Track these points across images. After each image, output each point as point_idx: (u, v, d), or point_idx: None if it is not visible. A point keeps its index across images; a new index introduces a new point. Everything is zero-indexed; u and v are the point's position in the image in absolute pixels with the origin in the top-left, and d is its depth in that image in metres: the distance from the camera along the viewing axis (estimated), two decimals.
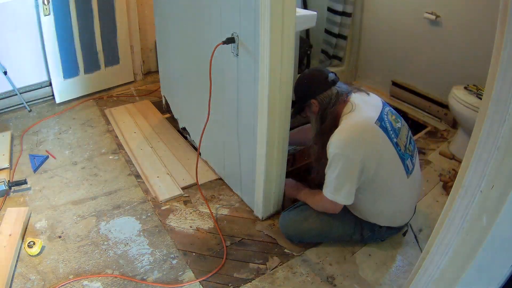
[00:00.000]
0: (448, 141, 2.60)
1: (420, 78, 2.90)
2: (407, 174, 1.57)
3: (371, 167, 1.48)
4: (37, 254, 1.67)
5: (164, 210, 1.97)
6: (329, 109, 1.56)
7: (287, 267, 1.66)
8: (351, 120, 1.51)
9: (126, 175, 2.23)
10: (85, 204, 1.99)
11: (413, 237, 1.82)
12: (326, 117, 1.58)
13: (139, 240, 1.78)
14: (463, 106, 2.24)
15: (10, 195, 2.03)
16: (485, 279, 0.87)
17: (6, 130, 2.57)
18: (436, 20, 2.62)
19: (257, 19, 1.47)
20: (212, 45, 1.69)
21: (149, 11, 3.21)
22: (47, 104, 2.96)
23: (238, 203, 2.03)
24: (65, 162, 2.32)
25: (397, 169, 1.54)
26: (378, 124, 1.49)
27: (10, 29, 2.61)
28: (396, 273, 1.64)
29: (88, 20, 2.88)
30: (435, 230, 0.93)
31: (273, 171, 1.79)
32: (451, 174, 2.20)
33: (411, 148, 1.62)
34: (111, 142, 2.54)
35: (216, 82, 1.82)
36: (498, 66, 0.71)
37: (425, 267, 0.96)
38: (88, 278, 1.57)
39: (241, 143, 1.90)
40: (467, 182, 0.81)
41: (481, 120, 0.76)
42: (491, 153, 0.75)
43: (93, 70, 3.07)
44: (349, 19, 3.07)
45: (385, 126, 1.51)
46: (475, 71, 2.44)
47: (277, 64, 1.52)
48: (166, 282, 1.58)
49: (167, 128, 2.71)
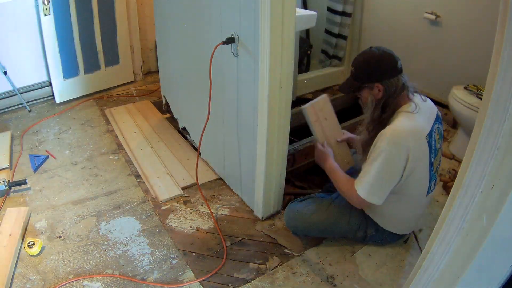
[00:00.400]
0: (448, 141, 2.60)
1: (420, 78, 2.87)
2: (428, 193, 1.57)
3: (406, 175, 1.44)
4: (37, 254, 1.67)
5: (164, 210, 1.97)
6: (392, 99, 1.46)
7: (287, 267, 1.66)
8: (410, 122, 1.43)
9: (126, 175, 2.23)
10: (85, 204, 1.99)
11: (413, 237, 1.82)
12: (387, 106, 1.48)
13: (139, 240, 1.78)
14: (463, 106, 2.23)
15: (10, 195, 2.03)
16: (485, 279, 0.87)
17: (6, 130, 2.57)
18: (436, 20, 2.62)
19: (257, 19, 1.47)
20: (212, 45, 1.69)
21: (149, 11, 3.21)
22: (47, 104, 2.96)
23: (238, 203, 2.03)
24: (65, 162, 2.32)
25: (423, 187, 1.54)
26: (427, 139, 1.45)
27: (10, 29, 2.61)
28: (396, 273, 1.63)
29: (88, 20, 2.88)
30: (435, 230, 0.93)
31: (273, 171, 1.79)
32: (451, 174, 2.20)
33: (439, 172, 1.63)
34: (111, 142, 2.54)
35: (216, 82, 1.82)
36: (498, 66, 0.71)
37: (425, 267, 0.96)
38: (88, 278, 1.57)
39: (241, 143, 1.90)
40: (467, 182, 0.81)
41: (481, 120, 0.76)
42: (491, 153, 0.75)
43: (93, 70, 3.07)
44: (349, 19, 3.07)
45: (431, 143, 1.46)
46: (475, 71, 2.44)
47: (277, 64, 1.53)
48: (166, 282, 1.58)
49: (167, 128, 2.71)
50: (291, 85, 1.63)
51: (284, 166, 1.84)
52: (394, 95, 1.45)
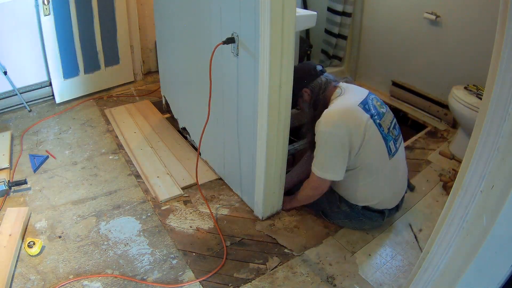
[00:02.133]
0: (448, 141, 2.60)
1: (420, 78, 2.90)
2: (389, 155, 1.66)
3: (357, 144, 1.58)
4: (37, 254, 1.67)
5: (164, 210, 1.97)
6: (320, 96, 1.69)
7: (287, 267, 1.66)
8: (338, 102, 1.64)
9: (126, 175, 2.23)
10: (85, 204, 1.99)
11: (413, 237, 1.82)
12: (318, 103, 1.69)
13: (139, 240, 1.78)
14: (463, 106, 2.24)
15: (10, 195, 2.03)
16: (485, 279, 0.87)
17: (6, 130, 2.57)
18: (436, 20, 2.62)
19: (257, 19, 1.47)
20: (212, 45, 1.69)
21: (149, 11, 3.21)
22: (47, 104, 2.96)
23: (238, 203, 2.03)
24: (65, 162, 2.32)
25: (380, 148, 1.64)
26: (361, 106, 1.61)
27: (10, 29, 2.61)
28: (396, 273, 1.64)
29: (88, 20, 2.88)
30: (435, 230, 0.93)
31: (273, 171, 1.79)
32: (451, 174, 2.20)
33: (395, 133, 1.71)
34: (111, 142, 2.54)
35: (216, 82, 1.82)
36: (498, 66, 0.71)
37: (425, 267, 0.96)
38: (88, 278, 1.57)
39: (241, 143, 1.90)
40: (467, 182, 0.81)
41: (481, 120, 0.76)
42: (491, 153, 0.75)
43: (93, 70, 3.07)
44: (349, 19, 3.07)
45: (368, 108, 1.62)
46: (475, 71, 2.44)
47: (277, 64, 1.52)
48: (166, 282, 1.58)
49: (167, 128, 2.71)
50: (291, 85, 1.63)
51: (284, 166, 1.84)
52: (320, 91, 1.69)
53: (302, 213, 1.95)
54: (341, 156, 1.60)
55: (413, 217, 1.94)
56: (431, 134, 2.71)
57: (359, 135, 1.57)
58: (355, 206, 1.75)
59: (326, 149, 1.60)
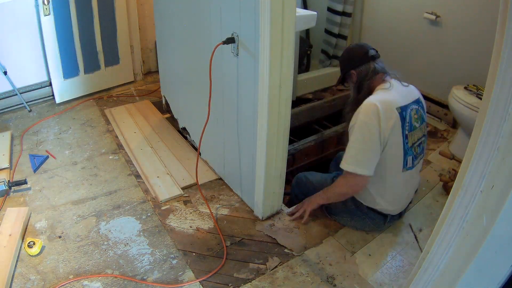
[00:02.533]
0: (448, 141, 2.60)
1: (420, 78, 2.90)
2: (404, 167, 1.64)
3: (383, 143, 1.56)
4: (37, 254, 1.67)
5: (164, 210, 1.97)
6: (365, 82, 1.68)
7: (287, 267, 1.66)
8: (381, 94, 1.62)
9: (126, 175, 2.23)
10: (85, 204, 1.99)
11: (413, 237, 1.82)
12: (362, 88, 1.70)
13: (139, 240, 1.78)
14: (463, 106, 2.24)
15: (10, 195, 2.03)
16: (485, 279, 0.87)
17: (6, 130, 2.57)
18: (436, 20, 2.62)
19: (257, 19, 1.47)
20: (212, 45, 1.69)
21: (149, 11, 3.21)
22: (47, 104, 2.96)
23: (238, 203, 2.03)
24: (65, 162, 2.32)
25: (397, 158, 1.63)
26: (398, 111, 1.58)
27: (10, 29, 2.61)
28: (396, 273, 1.64)
29: (88, 20, 2.88)
30: (435, 230, 0.93)
31: (273, 171, 1.79)
32: (451, 174, 2.20)
33: (418, 150, 1.70)
34: (111, 142, 2.54)
35: (216, 82, 1.82)
36: (498, 66, 0.71)
37: (425, 267, 0.96)
38: (88, 278, 1.57)
39: (241, 143, 1.91)
40: (467, 182, 0.81)
41: (481, 120, 0.76)
42: (491, 153, 0.75)
43: (93, 70, 3.07)
44: (349, 19, 3.07)
45: (404, 116, 1.59)
46: (475, 71, 2.44)
47: (277, 64, 1.53)
48: (166, 282, 1.58)
49: (167, 128, 2.71)
50: (291, 85, 1.64)
51: (284, 166, 1.84)
52: (367, 77, 1.68)
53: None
54: (374, 149, 1.56)
55: (413, 217, 1.94)
56: (431, 134, 2.71)
57: (385, 137, 1.56)
58: (361, 205, 1.75)
59: (359, 139, 1.57)
